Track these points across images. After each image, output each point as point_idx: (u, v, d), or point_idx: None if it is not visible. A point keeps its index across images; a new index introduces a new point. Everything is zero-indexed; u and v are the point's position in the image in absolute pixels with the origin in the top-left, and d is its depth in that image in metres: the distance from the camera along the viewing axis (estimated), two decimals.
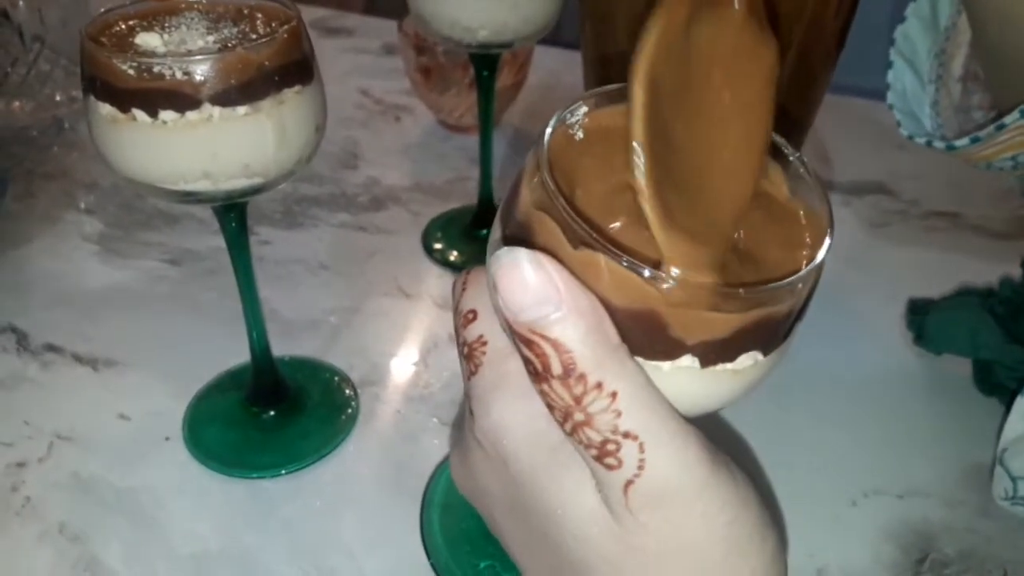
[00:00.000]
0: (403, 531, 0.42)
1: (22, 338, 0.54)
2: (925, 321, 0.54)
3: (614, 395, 0.22)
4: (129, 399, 0.50)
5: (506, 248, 0.22)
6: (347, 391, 0.50)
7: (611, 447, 0.23)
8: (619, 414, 0.22)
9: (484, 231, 0.64)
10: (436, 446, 0.47)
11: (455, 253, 0.63)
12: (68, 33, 0.77)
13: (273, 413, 0.48)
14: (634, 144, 0.22)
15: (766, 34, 0.25)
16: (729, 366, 0.24)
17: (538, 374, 0.23)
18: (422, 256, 0.63)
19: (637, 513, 0.24)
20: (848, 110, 0.82)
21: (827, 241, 0.24)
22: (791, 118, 0.52)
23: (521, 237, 0.24)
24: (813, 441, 0.48)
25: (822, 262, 0.24)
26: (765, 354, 0.24)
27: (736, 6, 0.24)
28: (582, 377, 0.22)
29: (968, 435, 0.48)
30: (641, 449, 0.23)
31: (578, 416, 0.23)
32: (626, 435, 0.23)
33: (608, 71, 0.55)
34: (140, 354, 0.53)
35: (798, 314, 0.25)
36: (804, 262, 0.24)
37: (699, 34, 0.23)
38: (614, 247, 0.22)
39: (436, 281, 0.60)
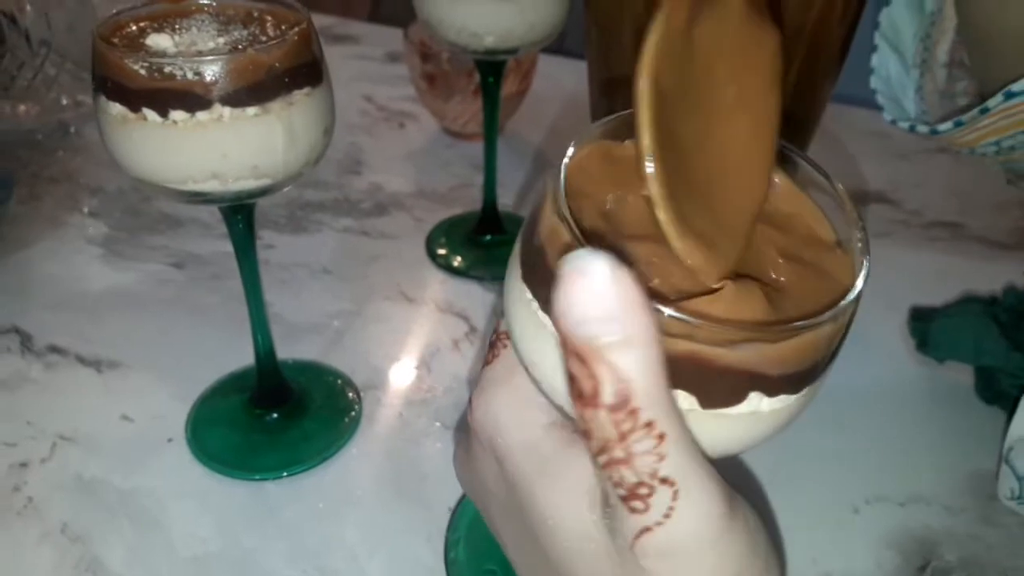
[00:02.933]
0: (405, 533, 0.42)
1: (26, 339, 0.54)
2: (928, 328, 0.54)
3: (662, 437, 0.20)
4: (132, 401, 0.50)
5: (586, 249, 0.19)
6: (350, 394, 0.50)
7: (643, 491, 0.21)
8: (662, 458, 0.21)
9: (488, 237, 0.64)
10: (439, 450, 0.47)
11: (458, 259, 0.63)
12: (75, 38, 0.77)
13: (276, 415, 0.48)
14: (644, 155, 0.21)
15: (766, 23, 0.24)
16: (732, 410, 0.22)
17: (583, 397, 0.20)
18: (425, 261, 0.63)
19: (641, 557, 0.22)
20: (851, 120, 0.83)
21: (853, 292, 0.23)
22: (796, 124, 0.52)
23: (538, 260, 0.23)
24: (815, 448, 0.48)
25: (853, 301, 0.23)
26: (769, 395, 0.23)
27: None
28: (634, 412, 0.20)
29: (969, 443, 0.48)
30: (674, 497, 0.21)
31: (618, 453, 0.21)
32: (664, 481, 0.21)
33: (614, 78, 0.56)
34: (143, 356, 0.53)
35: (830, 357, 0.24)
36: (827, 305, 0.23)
37: (700, 33, 0.23)
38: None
39: (439, 286, 0.61)
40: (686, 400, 0.22)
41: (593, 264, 0.19)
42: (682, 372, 0.21)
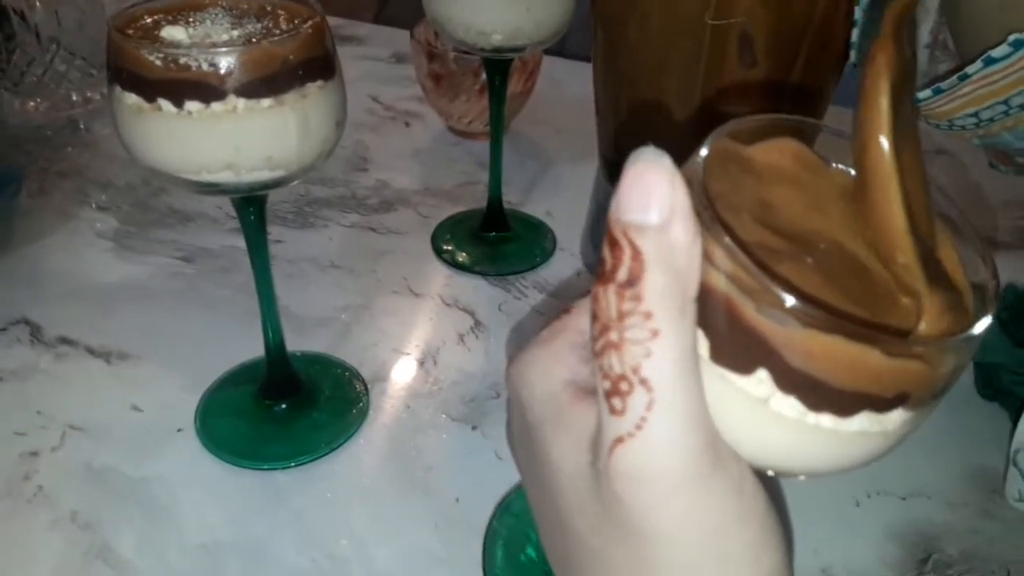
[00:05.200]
0: (412, 522, 0.43)
1: (36, 330, 0.55)
2: None
3: (655, 333, 0.20)
4: (142, 391, 0.50)
5: (653, 148, 0.20)
6: (358, 386, 0.51)
7: (624, 387, 0.21)
8: (648, 354, 0.21)
9: (493, 233, 0.65)
10: (445, 441, 0.48)
11: (464, 254, 0.63)
12: (84, 34, 0.78)
13: (285, 406, 0.48)
14: (902, 245, 0.21)
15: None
16: (737, 379, 0.22)
17: (603, 275, 0.21)
18: (431, 257, 0.64)
19: (613, 479, 0.22)
20: (850, 122, 0.83)
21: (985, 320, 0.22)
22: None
23: None
24: None
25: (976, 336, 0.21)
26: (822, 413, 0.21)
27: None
28: (638, 297, 0.20)
29: (970, 439, 0.49)
30: (649, 406, 0.21)
31: (613, 335, 0.21)
32: (643, 382, 0.21)
33: (619, 77, 0.56)
34: (153, 348, 0.54)
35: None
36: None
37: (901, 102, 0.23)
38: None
39: (445, 281, 0.61)
40: (701, 342, 0.22)
41: (654, 158, 0.20)
42: (707, 308, 0.21)
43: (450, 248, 0.64)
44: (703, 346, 0.22)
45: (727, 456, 0.23)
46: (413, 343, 0.55)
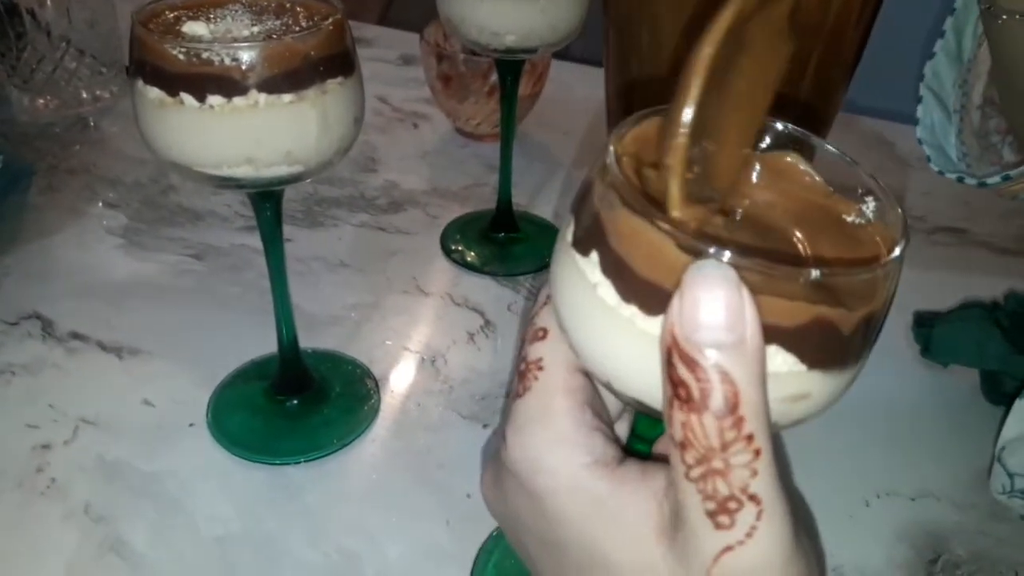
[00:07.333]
0: (423, 518, 0.43)
1: (47, 325, 0.55)
2: (931, 334, 0.54)
3: (757, 453, 0.21)
4: (153, 386, 0.51)
5: (713, 261, 0.20)
6: (368, 384, 0.51)
7: (732, 505, 0.21)
8: (755, 474, 0.21)
9: (502, 234, 0.65)
10: (455, 439, 0.48)
11: (473, 254, 0.64)
12: (94, 33, 0.78)
13: (296, 402, 0.49)
14: (680, 127, 0.22)
15: (791, 34, 0.26)
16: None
17: (691, 402, 0.21)
18: (440, 256, 0.64)
19: None
20: (859, 129, 0.84)
21: (900, 245, 0.24)
22: (809, 125, 0.53)
23: (591, 219, 0.24)
24: (827, 443, 0.49)
25: (899, 260, 0.23)
26: (810, 366, 0.22)
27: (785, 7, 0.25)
28: (739, 421, 0.20)
29: (977, 442, 0.49)
30: (759, 516, 0.22)
31: (717, 463, 0.21)
32: (751, 497, 0.21)
33: (631, 80, 0.57)
34: (164, 344, 0.54)
35: (866, 329, 0.23)
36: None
37: (751, 25, 0.24)
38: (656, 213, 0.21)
39: (454, 281, 0.61)
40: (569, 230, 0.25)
41: (721, 273, 0.20)
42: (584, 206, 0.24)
43: (459, 248, 0.64)
44: (569, 232, 0.24)
45: (797, 518, 0.24)
46: (423, 342, 0.55)
